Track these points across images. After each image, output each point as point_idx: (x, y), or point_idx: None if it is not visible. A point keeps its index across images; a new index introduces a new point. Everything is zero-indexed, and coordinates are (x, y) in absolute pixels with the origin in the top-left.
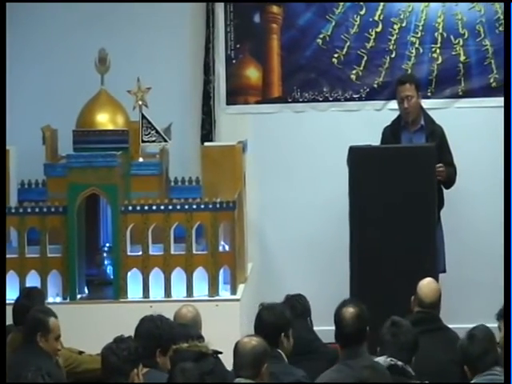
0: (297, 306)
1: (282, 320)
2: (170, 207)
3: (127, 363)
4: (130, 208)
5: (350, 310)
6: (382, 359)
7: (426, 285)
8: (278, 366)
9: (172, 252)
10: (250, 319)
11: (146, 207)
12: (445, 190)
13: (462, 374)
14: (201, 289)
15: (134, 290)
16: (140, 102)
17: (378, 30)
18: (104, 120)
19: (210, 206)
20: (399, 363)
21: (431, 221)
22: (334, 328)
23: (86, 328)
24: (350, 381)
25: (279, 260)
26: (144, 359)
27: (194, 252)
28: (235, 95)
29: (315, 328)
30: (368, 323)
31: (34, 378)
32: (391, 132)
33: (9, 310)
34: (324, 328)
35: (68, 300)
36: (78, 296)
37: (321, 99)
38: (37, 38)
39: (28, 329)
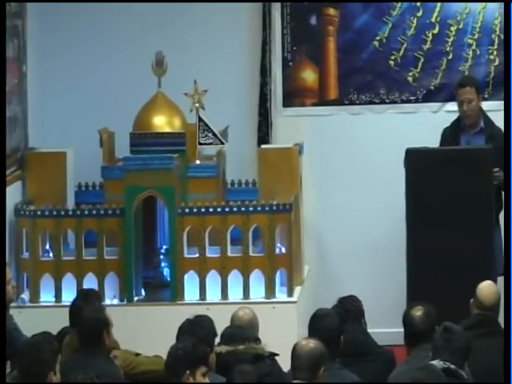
0: (351, 308)
1: (339, 322)
2: (227, 209)
3: (180, 363)
4: (187, 210)
5: (418, 310)
6: (434, 363)
7: (486, 287)
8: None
9: (229, 254)
10: (307, 321)
11: (203, 209)
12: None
13: None
14: (257, 291)
15: (190, 292)
16: (197, 105)
17: (435, 31)
18: (161, 122)
19: (267, 209)
20: (452, 366)
21: (489, 223)
22: (391, 330)
23: (143, 330)
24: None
25: (336, 263)
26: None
27: (251, 254)
28: (292, 97)
29: (372, 331)
30: (436, 322)
31: (84, 380)
32: (450, 133)
33: (66, 312)
34: (381, 330)
35: (125, 302)
36: (135, 298)
37: (377, 101)
38: (94, 41)
39: (89, 330)
